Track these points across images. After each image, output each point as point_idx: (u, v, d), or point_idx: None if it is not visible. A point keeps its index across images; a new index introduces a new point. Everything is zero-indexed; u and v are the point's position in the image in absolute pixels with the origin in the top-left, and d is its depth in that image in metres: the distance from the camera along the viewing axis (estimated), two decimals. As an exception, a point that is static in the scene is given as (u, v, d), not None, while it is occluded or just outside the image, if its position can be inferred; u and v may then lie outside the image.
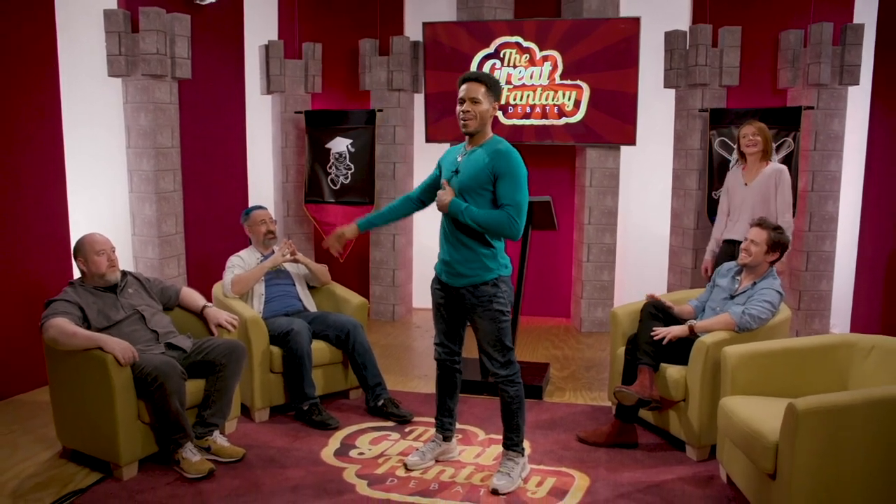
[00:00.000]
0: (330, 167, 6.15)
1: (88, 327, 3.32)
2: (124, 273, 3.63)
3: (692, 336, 3.53)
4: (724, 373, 3.19)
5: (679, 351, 3.56)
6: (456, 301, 3.18)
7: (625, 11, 5.84)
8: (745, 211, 4.37)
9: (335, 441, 3.70)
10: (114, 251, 3.53)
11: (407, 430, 3.86)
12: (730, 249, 4.47)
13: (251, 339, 3.86)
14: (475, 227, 2.98)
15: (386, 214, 3.43)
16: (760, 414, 2.86)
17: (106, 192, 4.98)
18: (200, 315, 3.77)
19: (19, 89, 4.21)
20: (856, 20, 5.53)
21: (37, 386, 4.35)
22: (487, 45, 5.86)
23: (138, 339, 3.41)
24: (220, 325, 3.69)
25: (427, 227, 6.38)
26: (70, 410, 3.35)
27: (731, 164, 5.39)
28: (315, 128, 6.17)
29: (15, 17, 4.16)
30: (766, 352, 3.19)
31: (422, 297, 6.53)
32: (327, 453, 3.55)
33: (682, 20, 5.85)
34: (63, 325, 3.18)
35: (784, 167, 4.34)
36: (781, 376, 3.16)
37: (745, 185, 4.39)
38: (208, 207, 5.55)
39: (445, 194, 3.06)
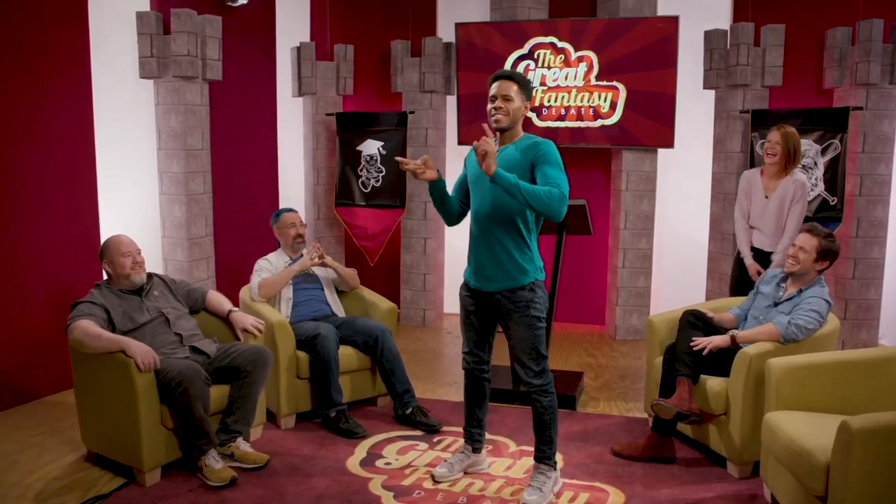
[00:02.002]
0: (361, 170, 6.09)
1: (113, 329, 3.28)
2: (150, 275, 3.59)
3: (734, 346, 3.37)
4: (768, 386, 3.03)
5: (720, 362, 3.40)
6: (488, 308, 3.07)
7: (662, 10, 5.67)
8: (766, 223, 4.21)
9: (361, 450, 3.61)
10: (139, 253, 3.49)
11: (435, 439, 3.76)
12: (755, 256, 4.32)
13: (277, 344, 3.79)
14: (526, 196, 2.73)
15: (449, 196, 3.15)
16: (808, 431, 2.70)
17: (136, 193, 4.98)
18: (226, 319, 3.71)
19: (52, 90, 4.21)
20: (908, 16, 5.30)
21: (68, 387, 4.33)
22: (521, 46, 5.74)
23: (162, 342, 3.37)
24: (245, 330, 3.63)
25: (458, 230, 6.22)
26: (94, 414, 3.32)
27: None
28: (346, 130, 6.11)
29: (48, 19, 4.16)
30: (813, 365, 3.02)
31: (453, 302, 6.41)
32: (353, 462, 3.46)
33: (722, 18, 5.67)
34: (88, 328, 3.15)
35: (805, 179, 4.18)
36: (830, 391, 2.99)
37: (766, 197, 4.21)
38: (238, 210, 5.52)
39: (489, 149, 2.74)
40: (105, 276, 3.51)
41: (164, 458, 3.21)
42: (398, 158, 2.96)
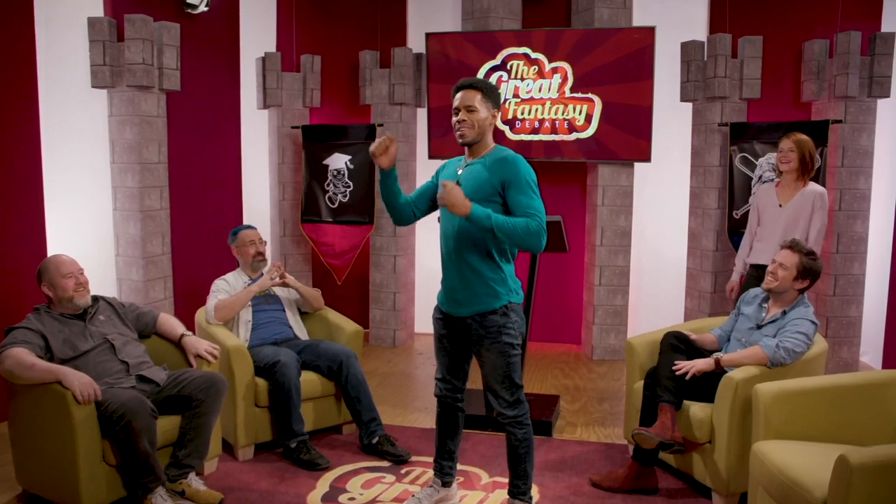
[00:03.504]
0: (328, 185, 5.86)
1: (51, 358, 3.02)
2: (96, 298, 3.34)
3: (718, 370, 3.19)
4: (756, 413, 2.85)
5: (703, 387, 3.21)
6: (460, 333, 2.85)
7: (638, 21, 5.54)
8: (775, 233, 4.04)
9: (324, 483, 3.37)
10: (82, 273, 3.24)
11: (403, 471, 3.52)
12: (757, 274, 4.14)
13: (234, 371, 3.55)
14: (501, 237, 2.58)
15: (399, 195, 2.92)
16: (801, 463, 2.52)
17: (88, 210, 4.69)
18: (179, 344, 3.46)
19: (-8, 100, 3.95)
20: (885, 29, 5.21)
21: (4, 419, 4.02)
22: (494, 57, 5.57)
23: (106, 371, 3.11)
24: (199, 356, 3.38)
25: (430, 248, 6.07)
26: (29, 450, 3.04)
27: (753, 182, 5.08)
28: (312, 143, 5.88)
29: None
30: (803, 390, 2.84)
31: (424, 321, 6.20)
32: (314, 498, 3.22)
33: (699, 30, 5.55)
34: (21, 356, 2.89)
35: (825, 191, 4.03)
36: (821, 418, 2.82)
37: (780, 206, 4.06)
38: (199, 226, 5.25)
39: (456, 192, 2.58)
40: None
41: (105, 497, 2.94)
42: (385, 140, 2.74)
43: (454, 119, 2.76)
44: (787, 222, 4.02)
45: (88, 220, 4.69)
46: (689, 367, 3.19)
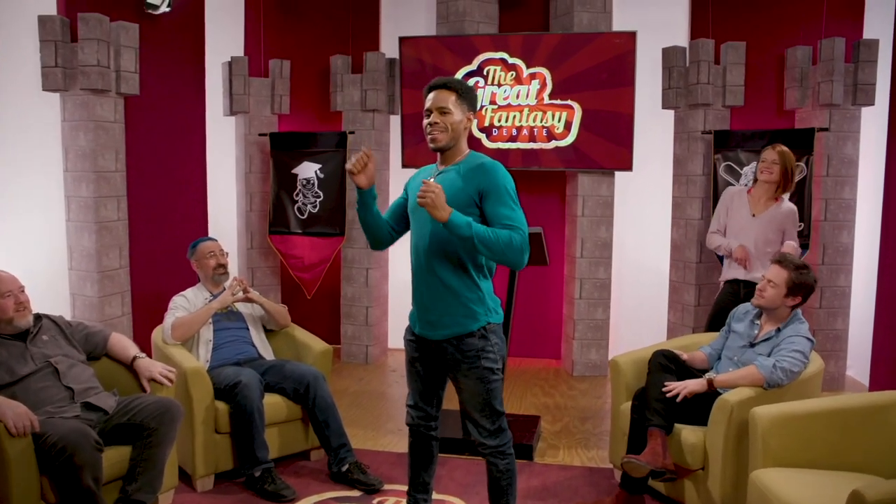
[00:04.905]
0: (297, 195, 5.61)
1: (-15, 385, 2.74)
2: (38, 317, 3.07)
3: (711, 391, 3.00)
4: (754, 439, 2.66)
5: (695, 409, 3.03)
6: (434, 357, 2.62)
7: (618, 25, 5.37)
8: (745, 242, 3.94)
9: (289, 517, 3.12)
10: (22, 291, 2.98)
11: (375, 501, 3.29)
12: (732, 290, 4.01)
13: (192, 394, 3.29)
14: (481, 248, 2.34)
15: (378, 216, 2.73)
16: (806, 494, 2.34)
17: (39, 221, 4.40)
18: (132, 367, 3.19)
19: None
20: (868, 35, 5.10)
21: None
22: (470, 62, 5.38)
23: (48, 399, 2.84)
24: (153, 380, 3.11)
25: (404, 259, 5.80)
26: (-41, 488, 2.75)
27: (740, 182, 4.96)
28: (281, 151, 5.63)
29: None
30: (804, 413, 2.67)
31: (398, 336, 5.90)
32: (278, 535, 2.97)
33: (680, 35, 5.41)
34: (-51, 384, 2.61)
35: (795, 208, 4.03)
36: (824, 443, 2.64)
37: (753, 215, 3.94)
38: (159, 239, 4.96)
39: (440, 194, 2.34)
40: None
41: (44, 540, 2.67)
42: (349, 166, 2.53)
43: (425, 122, 2.54)
44: (757, 234, 3.94)
45: (39, 232, 4.41)
46: (681, 388, 3.00)
